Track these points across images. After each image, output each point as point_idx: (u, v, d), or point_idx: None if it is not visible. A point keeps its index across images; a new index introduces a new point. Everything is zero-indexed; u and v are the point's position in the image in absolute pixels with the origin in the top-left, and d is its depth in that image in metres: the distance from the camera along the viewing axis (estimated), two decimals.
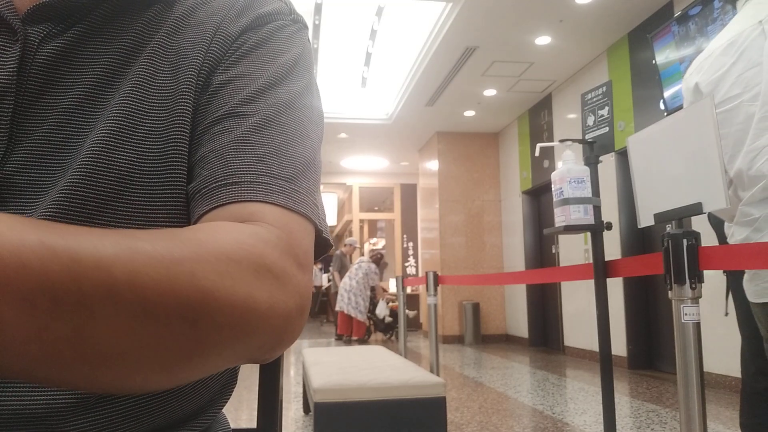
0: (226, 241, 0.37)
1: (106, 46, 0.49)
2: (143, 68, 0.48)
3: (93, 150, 0.45)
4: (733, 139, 1.37)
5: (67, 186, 0.44)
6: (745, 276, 1.45)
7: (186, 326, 0.33)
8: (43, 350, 0.28)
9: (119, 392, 0.40)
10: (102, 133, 0.45)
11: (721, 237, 2.41)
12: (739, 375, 1.80)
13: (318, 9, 5.25)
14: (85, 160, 0.44)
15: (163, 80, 0.48)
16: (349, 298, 8.35)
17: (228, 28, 0.51)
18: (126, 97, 0.47)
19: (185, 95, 0.48)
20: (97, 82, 0.48)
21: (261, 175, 0.44)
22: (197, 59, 0.49)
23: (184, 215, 0.47)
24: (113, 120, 0.46)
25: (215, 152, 0.46)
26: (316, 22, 5.43)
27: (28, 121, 0.46)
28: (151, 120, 0.47)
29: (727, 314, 2.36)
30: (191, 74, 0.49)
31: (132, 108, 0.46)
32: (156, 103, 0.47)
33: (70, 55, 0.48)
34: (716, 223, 2.44)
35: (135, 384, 0.33)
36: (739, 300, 2.19)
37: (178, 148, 0.47)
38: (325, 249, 0.53)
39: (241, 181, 0.44)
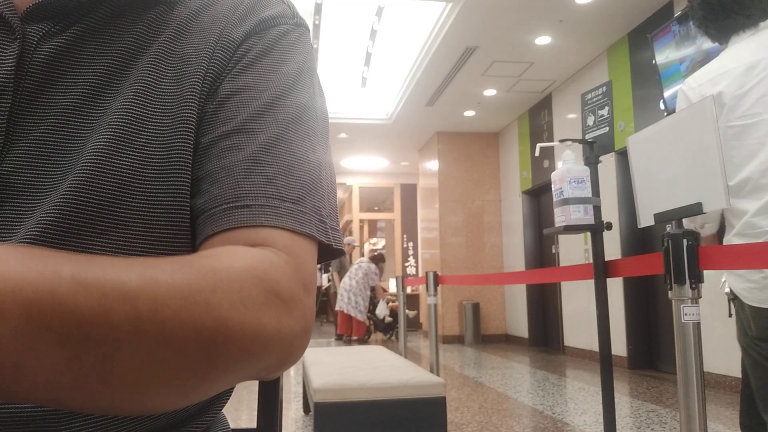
0: (240, 269, 0.38)
1: (106, 46, 0.48)
2: (146, 73, 0.48)
3: (94, 155, 0.44)
4: (747, 150, 1.43)
5: (68, 190, 0.43)
6: (745, 284, 1.47)
7: (200, 353, 0.34)
8: (72, 380, 0.30)
9: (136, 414, 0.41)
10: (104, 137, 0.45)
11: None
12: (739, 375, 1.80)
13: (318, 9, 5.24)
14: (87, 165, 0.44)
15: (166, 86, 0.48)
16: (349, 298, 8.35)
17: (231, 34, 0.50)
18: (128, 102, 0.46)
19: (189, 102, 0.48)
20: (97, 82, 0.47)
21: (271, 198, 0.45)
22: (202, 66, 0.49)
23: (185, 223, 0.47)
24: (115, 125, 0.45)
25: (225, 170, 0.46)
26: (316, 22, 5.43)
27: (26, 121, 0.45)
28: (154, 126, 0.46)
29: (730, 315, 2.37)
30: (196, 81, 0.48)
31: (135, 113, 0.46)
32: (159, 109, 0.47)
33: (69, 55, 0.47)
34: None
35: (152, 407, 0.35)
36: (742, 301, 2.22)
37: (181, 155, 0.46)
38: (337, 256, 0.53)
39: (252, 204, 0.44)
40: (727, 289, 1.61)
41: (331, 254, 0.51)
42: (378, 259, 8.98)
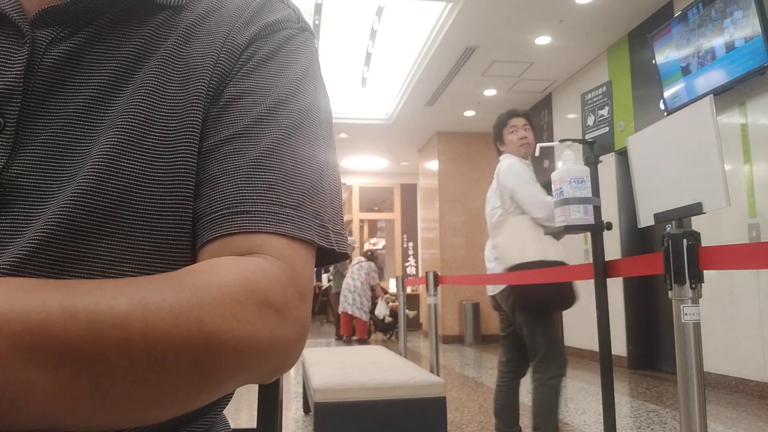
0: (231, 282, 0.39)
1: (113, 50, 0.49)
2: (153, 77, 0.48)
3: (101, 157, 0.44)
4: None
5: (75, 193, 0.43)
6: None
7: (194, 369, 0.35)
8: (67, 407, 0.31)
9: (132, 427, 0.42)
10: (111, 140, 0.45)
11: None
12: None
13: (318, 9, 5.24)
14: (94, 168, 0.44)
15: (173, 90, 0.48)
16: (353, 299, 8.35)
17: (236, 38, 0.51)
18: (136, 105, 0.47)
19: (195, 106, 0.48)
20: (105, 86, 0.47)
21: (270, 204, 0.45)
22: (207, 70, 0.49)
23: (188, 225, 0.47)
24: (122, 128, 0.46)
25: (226, 175, 0.46)
26: (316, 22, 5.43)
27: (35, 124, 0.46)
28: (160, 129, 0.47)
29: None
30: (201, 85, 0.49)
31: (142, 116, 0.46)
32: (166, 112, 0.47)
33: (78, 59, 0.48)
34: None
35: (150, 420, 0.36)
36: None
37: (187, 159, 0.47)
38: (341, 259, 0.53)
39: (252, 211, 0.45)
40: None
41: (335, 257, 0.52)
42: (372, 257, 9.01)
